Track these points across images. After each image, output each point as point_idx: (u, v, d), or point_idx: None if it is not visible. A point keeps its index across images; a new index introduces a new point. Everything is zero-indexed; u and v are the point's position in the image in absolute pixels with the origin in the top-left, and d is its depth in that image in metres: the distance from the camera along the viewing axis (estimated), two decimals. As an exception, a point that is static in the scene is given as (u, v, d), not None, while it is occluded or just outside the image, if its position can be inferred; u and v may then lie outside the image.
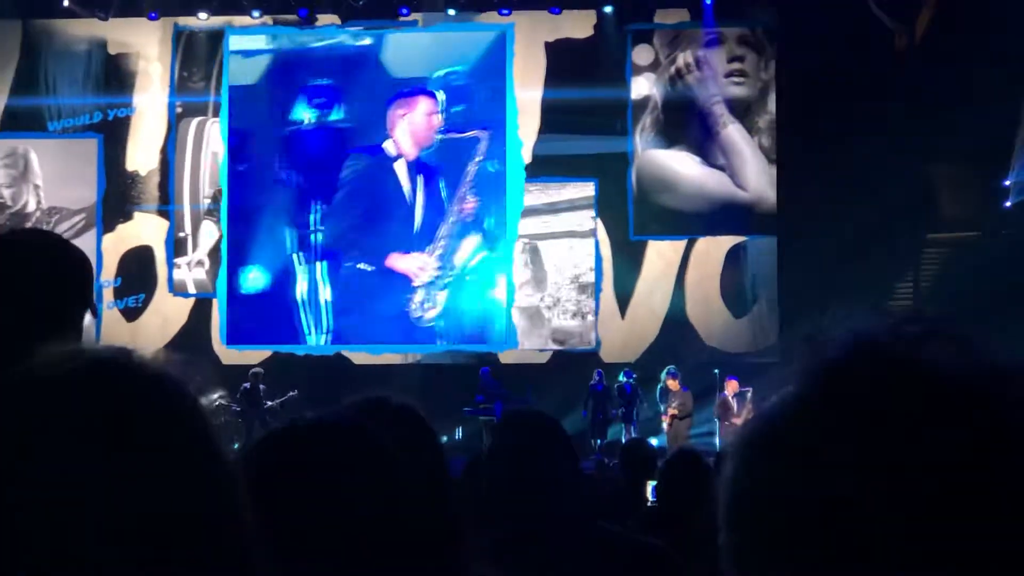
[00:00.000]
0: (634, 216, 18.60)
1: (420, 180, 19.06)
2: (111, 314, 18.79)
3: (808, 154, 16.98)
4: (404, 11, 18.82)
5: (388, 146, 19.16)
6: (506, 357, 18.43)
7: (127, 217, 19.12)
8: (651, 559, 3.11)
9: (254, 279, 18.90)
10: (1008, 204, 16.47)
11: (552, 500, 3.04)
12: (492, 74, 18.97)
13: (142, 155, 19.10)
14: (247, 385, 16.53)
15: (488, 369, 17.52)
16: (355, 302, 18.83)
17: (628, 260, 18.59)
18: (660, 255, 18.61)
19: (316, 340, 18.77)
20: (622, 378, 17.00)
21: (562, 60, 18.71)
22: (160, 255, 19.08)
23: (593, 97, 18.63)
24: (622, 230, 18.64)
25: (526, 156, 18.84)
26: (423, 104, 19.19)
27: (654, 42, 18.72)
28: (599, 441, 16.72)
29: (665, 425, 16.26)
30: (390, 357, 18.50)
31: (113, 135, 19.08)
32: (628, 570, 3.05)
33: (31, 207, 19.02)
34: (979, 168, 16.29)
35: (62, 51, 19.07)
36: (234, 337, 18.83)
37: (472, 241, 18.87)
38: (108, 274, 18.91)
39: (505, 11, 18.79)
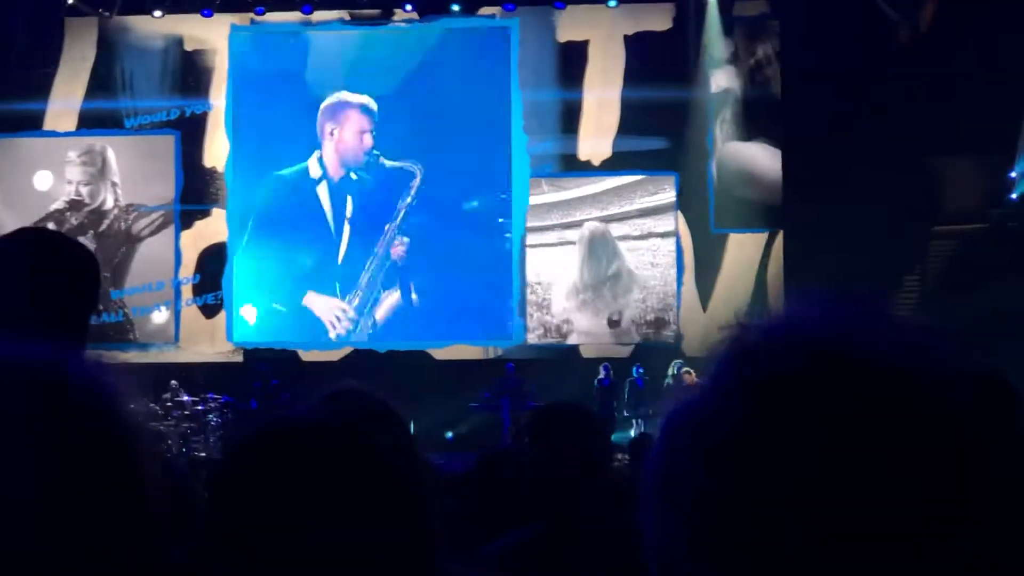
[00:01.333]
0: (715, 209, 18.56)
1: (347, 205, 18.57)
2: (189, 311, 18.88)
3: (813, 146, 16.94)
4: (408, 7, 18.67)
5: (312, 165, 18.67)
6: (588, 351, 18.37)
7: (205, 214, 19.09)
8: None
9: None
10: (1014, 196, 16.47)
11: (589, 490, 3.04)
12: (486, 74, 18.66)
13: (220, 151, 19.09)
14: (258, 383, 16.52)
15: (513, 365, 17.42)
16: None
17: (709, 253, 18.54)
18: (741, 247, 18.57)
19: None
20: (634, 373, 17.01)
21: (641, 53, 18.67)
22: (241, 252, 19.08)
23: (672, 90, 18.57)
24: (703, 223, 18.60)
25: (604, 151, 18.77)
26: (355, 119, 18.69)
27: (734, 34, 18.69)
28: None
29: None
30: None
31: (190, 132, 19.06)
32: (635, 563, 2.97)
33: (109, 204, 19.02)
34: (985, 160, 16.25)
35: (138, 48, 19.07)
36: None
37: (394, 297, 18.44)
38: (187, 271, 18.95)
39: (510, 7, 18.65)
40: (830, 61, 16.56)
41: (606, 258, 18.51)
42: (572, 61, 18.71)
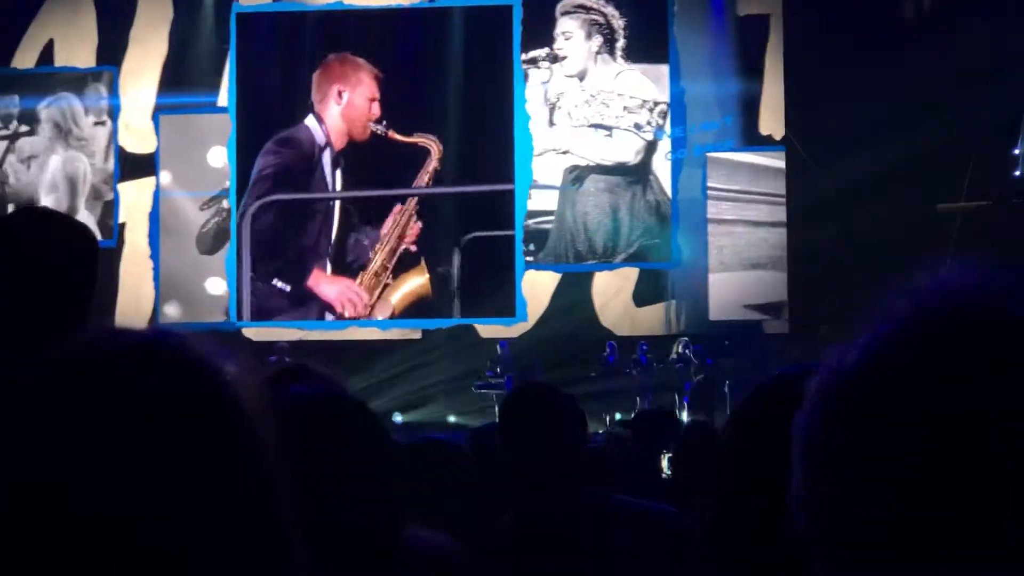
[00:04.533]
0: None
1: (340, 178, 17.74)
2: None
3: (816, 125, 17.04)
4: None
5: (312, 125, 17.95)
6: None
7: None
8: (666, 525, 3.09)
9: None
10: (1017, 173, 16.15)
11: (565, 471, 3.03)
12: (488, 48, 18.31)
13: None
14: (273, 359, 16.23)
15: (507, 343, 17.34)
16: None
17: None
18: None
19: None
20: (639, 351, 16.95)
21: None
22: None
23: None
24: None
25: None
26: (367, 83, 17.98)
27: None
28: (610, 414, 16.38)
29: None
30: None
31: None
32: (643, 537, 3.03)
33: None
34: (988, 138, 16.08)
35: None
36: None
37: (415, 279, 17.90)
38: None
39: None
40: (832, 38, 16.72)
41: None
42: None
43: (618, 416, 16.38)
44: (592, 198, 18.42)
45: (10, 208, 18.66)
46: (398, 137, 17.86)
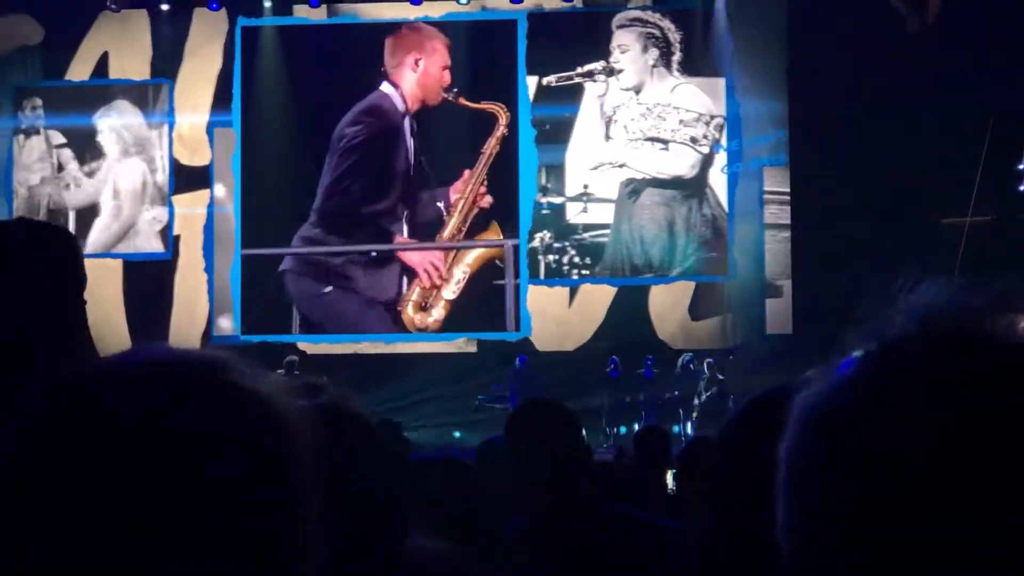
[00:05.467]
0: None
1: (415, 146, 17.83)
2: None
3: (820, 139, 16.97)
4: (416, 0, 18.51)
5: (390, 92, 18.02)
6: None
7: None
8: (669, 541, 3.04)
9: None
10: (1022, 188, 16.37)
11: (566, 485, 3.04)
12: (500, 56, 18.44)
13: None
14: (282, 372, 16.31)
15: (526, 358, 17.31)
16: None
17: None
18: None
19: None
20: (644, 365, 17.10)
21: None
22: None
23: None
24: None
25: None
26: (441, 52, 18.17)
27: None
28: (615, 429, 16.54)
29: None
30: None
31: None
32: (645, 552, 3.04)
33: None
34: (992, 152, 16.02)
35: None
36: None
37: (486, 241, 18.11)
38: None
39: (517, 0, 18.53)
40: (836, 52, 16.58)
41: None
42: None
43: (622, 430, 16.52)
44: (648, 211, 18.39)
45: (72, 216, 18.74)
46: (469, 104, 18.06)
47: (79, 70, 19.36)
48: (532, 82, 18.57)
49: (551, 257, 18.51)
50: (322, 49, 18.60)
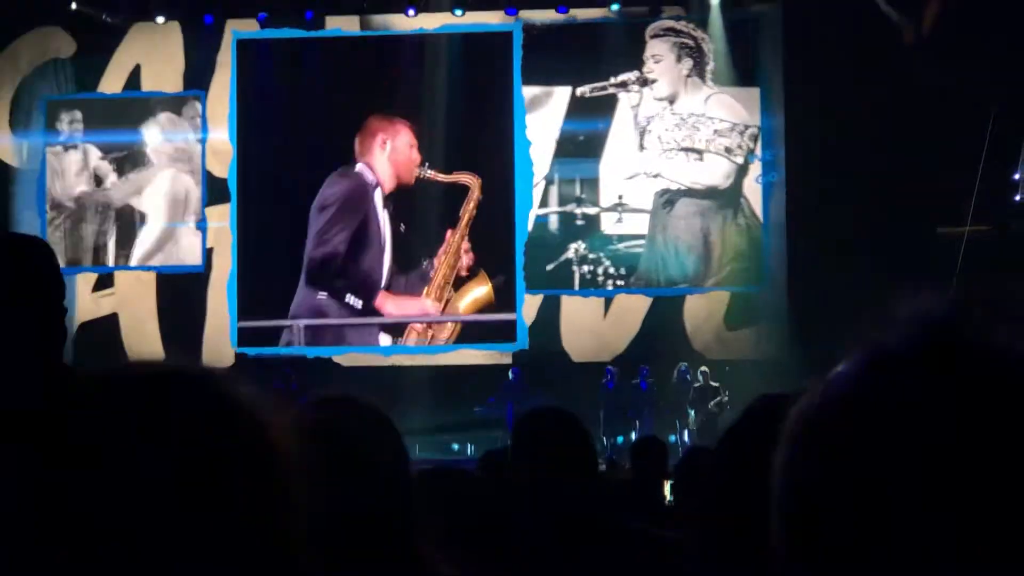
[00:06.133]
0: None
1: (389, 218, 18.29)
2: None
3: (814, 150, 17.00)
4: (411, 11, 18.52)
5: (363, 170, 18.43)
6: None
7: None
8: (670, 553, 3.04)
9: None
10: (1017, 198, 16.28)
11: (572, 496, 2.99)
12: (492, 78, 18.64)
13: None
14: (280, 385, 16.31)
15: (519, 370, 17.37)
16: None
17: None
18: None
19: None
20: (640, 375, 17.10)
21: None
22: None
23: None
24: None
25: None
26: (406, 132, 18.50)
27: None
28: (611, 440, 16.51)
29: None
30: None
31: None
32: (649, 565, 3.00)
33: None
34: (989, 162, 15.88)
35: None
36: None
37: (478, 288, 18.36)
38: None
39: (512, 11, 18.54)
40: (832, 63, 16.63)
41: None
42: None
43: (619, 440, 16.53)
44: (683, 222, 18.37)
45: (113, 228, 18.76)
46: (440, 177, 18.27)
47: (111, 83, 19.35)
48: (528, 93, 18.63)
49: (585, 268, 18.50)
50: (315, 63, 18.72)
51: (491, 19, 18.76)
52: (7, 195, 19.22)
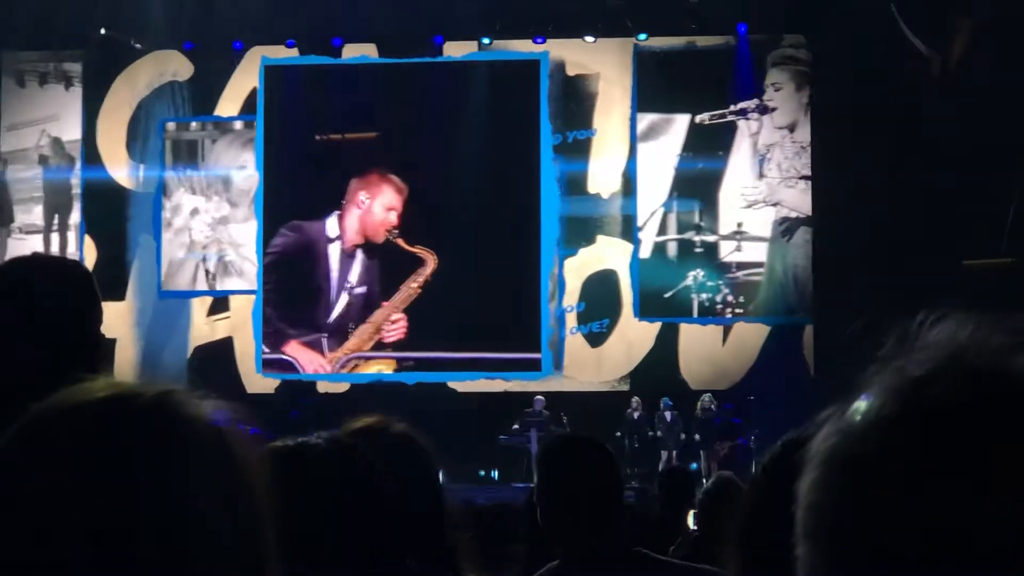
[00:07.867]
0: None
1: (349, 272, 18.72)
2: (574, 339, 18.74)
3: (843, 181, 16.91)
4: (438, 40, 18.64)
5: (330, 224, 18.82)
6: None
7: (590, 241, 18.91)
8: None
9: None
10: None
11: (606, 517, 2.96)
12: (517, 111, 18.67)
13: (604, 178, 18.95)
14: (295, 413, 16.47)
15: (543, 399, 17.30)
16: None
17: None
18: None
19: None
20: (663, 406, 17.09)
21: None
22: (625, 280, 18.72)
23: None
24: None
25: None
26: (391, 195, 18.74)
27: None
28: (636, 470, 16.44)
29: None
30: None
31: (571, 157, 18.98)
32: None
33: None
34: (1014, 193, 15.97)
35: None
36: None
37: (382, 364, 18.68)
38: (571, 299, 18.78)
39: (540, 39, 18.54)
40: (860, 95, 16.64)
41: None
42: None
43: (638, 470, 16.48)
44: (802, 250, 18.28)
45: (231, 251, 18.85)
46: (403, 245, 18.52)
47: (226, 107, 19.43)
48: (644, 120, 18.64)
49: (704, 295, 18.38)
50: (335, 89, 18.88)
51: (520, 47, 18.74)
52: (123, 217, 19.30)
